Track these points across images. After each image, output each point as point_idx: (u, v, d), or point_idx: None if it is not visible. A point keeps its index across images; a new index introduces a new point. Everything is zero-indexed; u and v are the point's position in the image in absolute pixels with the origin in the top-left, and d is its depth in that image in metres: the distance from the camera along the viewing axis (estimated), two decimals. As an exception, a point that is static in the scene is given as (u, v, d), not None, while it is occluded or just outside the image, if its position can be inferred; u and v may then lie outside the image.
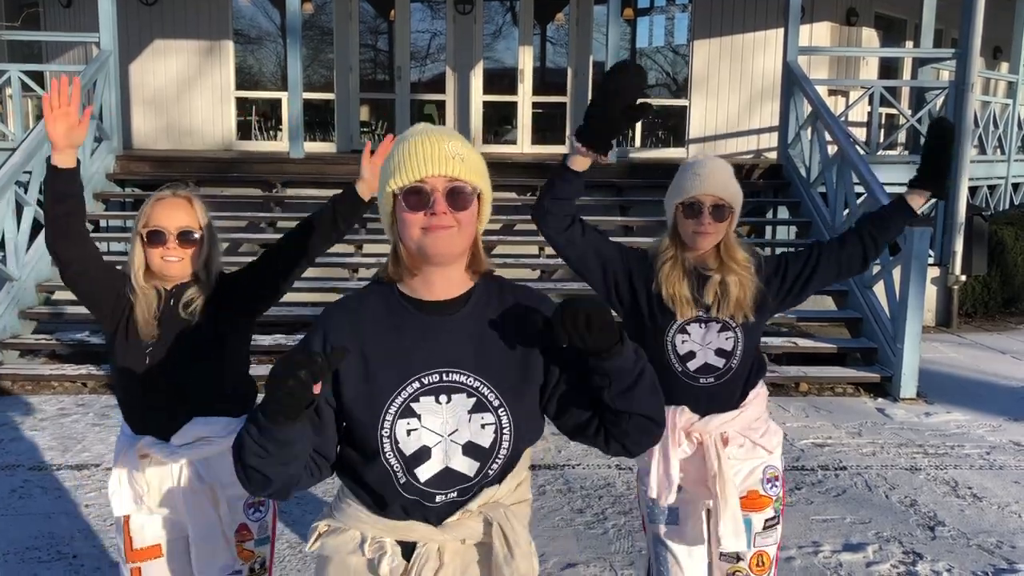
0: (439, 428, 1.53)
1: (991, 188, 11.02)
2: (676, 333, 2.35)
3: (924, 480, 4.78)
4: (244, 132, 11.01)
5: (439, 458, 1.53)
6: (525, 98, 11.02)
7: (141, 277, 2.26)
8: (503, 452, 1.55)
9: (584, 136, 2.12)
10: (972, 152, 9.02)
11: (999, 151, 10.84)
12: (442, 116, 11.10)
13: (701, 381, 2.37)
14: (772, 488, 2.45)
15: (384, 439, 1.52)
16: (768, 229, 9.30)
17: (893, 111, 10.33)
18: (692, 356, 2.36)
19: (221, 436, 2.28)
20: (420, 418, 1.52)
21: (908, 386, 6.37)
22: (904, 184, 8.81)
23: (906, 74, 11.39)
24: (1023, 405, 6.22)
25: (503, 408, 1.53)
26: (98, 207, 8.29)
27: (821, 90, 8.68)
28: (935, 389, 6.49)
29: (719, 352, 2.35)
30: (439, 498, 1.55)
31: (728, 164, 2.39)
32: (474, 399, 1.53)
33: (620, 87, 1.98)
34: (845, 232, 2.53)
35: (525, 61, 10.99)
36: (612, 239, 2.48)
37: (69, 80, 2.17)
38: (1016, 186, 11.67)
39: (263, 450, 1.42)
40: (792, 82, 8.71)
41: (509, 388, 1.54)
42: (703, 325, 2.35)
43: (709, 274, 2.35)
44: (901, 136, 10.49)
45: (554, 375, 1.58)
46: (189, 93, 10.67)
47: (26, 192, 7.17)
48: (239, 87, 10.79)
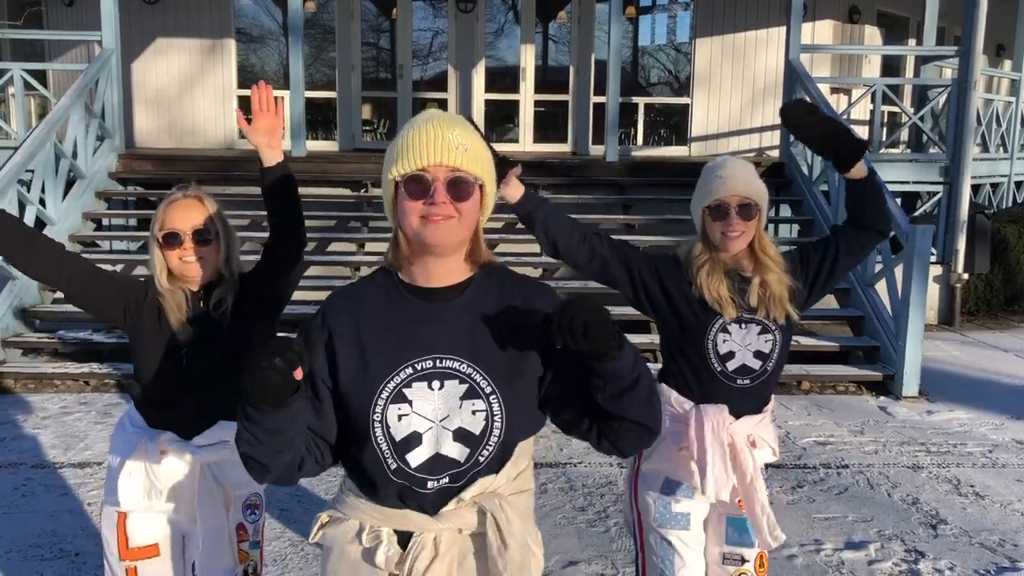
0: (430, 414, 1.52)
1: (994, 186, 11.00)
2: (718, 332, 2.36)
3: (926, 478, 4.78)
4: (246, 131, 11.01)
5: (430, 443, 1.53)
6: (527, 96, 11.02)
7: (165, 280, 2.28)
8: (493, 439, 1.54)
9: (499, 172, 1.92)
10: (975, 150, 9.01)
11: (1002, 149, 10.82)
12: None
13: (738, 382, 2.38)
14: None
15: (375, 423, 1.52)
16: (770, 227, 9.29)
17: (895, 109, 10.31)
18: (731, 356, 2.36)
19: None
20: (412, 403, 1.52)
21: (910, 384, 6.36)
22: (907, 181, 8.72)
23: (908, 72, 11.37)
24: (1026, 403, 6.22)
25: (495, 395, 1.53)
26: (100, 205, 8.30)
27: (823, 88, 8.67)
28: (937, 387, 6.48)
29: (757, 354, 2.36)
30: (431, 484, 1.54)
31: (749, 163, 2.38)
32: (466, 385, 1.53)
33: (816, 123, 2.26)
34: (835, 227, 2.52)
35: (527, 59, 10.98)
36: (635, 246, 2.50)
37: (274, 96, 2.38)
38: (1019, 184, 11.65)
39: (254, 438, 1.43)
40: (794, 80, 8.70)
41: (502, 376, 1.53)
42: (743, 326, 2.35)
43: (747, 275, 2.35)
44: (904, 134, 10.47)
45: (551, 368, 1.57)
46: (191, 92, 10.68)
47: (28, 191, 7.17)
48: (241, 86, 10.79)
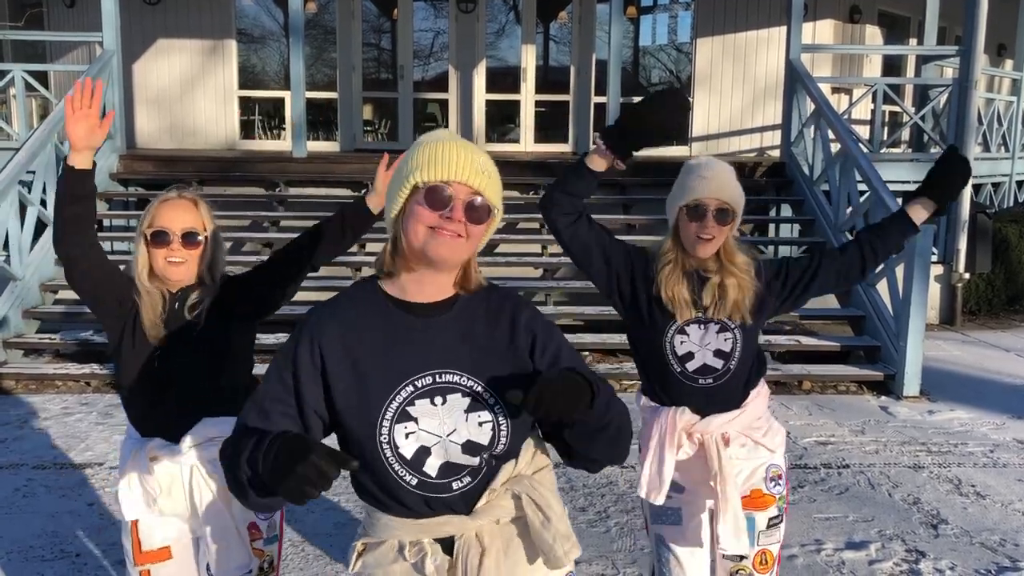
0: (436, 429, 1.53)
1: (995, 186, 11.00)
2: (675, 334, 2.36)
3: (927, 478, 4.78)
4: (247, 131, 11.02)
5: (439, 455, 1.54)
6: (528, 97, 11.01)
7: (145, 278, 2.25)
8: (501, 447, 1.56)
9: (612, 138, 2.14)
10: (976, 150, 9.00)
11: (1003, 148, 10.81)
12: (445, 115, 11.09)
13: (700, 382, 2.37)
14: (775, 487, 2.45)
15: (383, 445, 1.51)
16: (771, 227, 9.29)
17: (896, 109, 10.30)
18: (691, 357, 2.36)
19: None
20: (417, 421, 1.52)
21: (911, 384, 6.36)
22: (908, 181, 8.67)
23: (910, 71, 11.36)
24: (1027, 403, 6.22)
25: (499, 406, 1.54)
26: (101, 206, 8.29)
27: (824, 88, 8.66)
28: (938, 387, 6.48)
29: (717, 353, 2.36)
30: (456, 485, 1.55)
31: (730, 166, 2.39)
32: (469, 398, 1.54)
33: (669, 110, 2.05)
34: (847, 242, 2.54)
35: (528, 60, 10.98)
36: (616, 237, 2.49)
37: (92, 83, 2.18)
38: (1020, 183, 11.64)
39: (243, 490, 1.43)
40: (795, 80, 8.70)
41: (502, 385, 1.54)
42: (702, 326, 2.35)
43: (709, 276, 2.36)
44: (905, 134, 10.46)
45: (543, 366, 1.60)
46: (192, 92, 10.68)
47: (30, 192, 7.18)
48: (242, 86, 10.80)
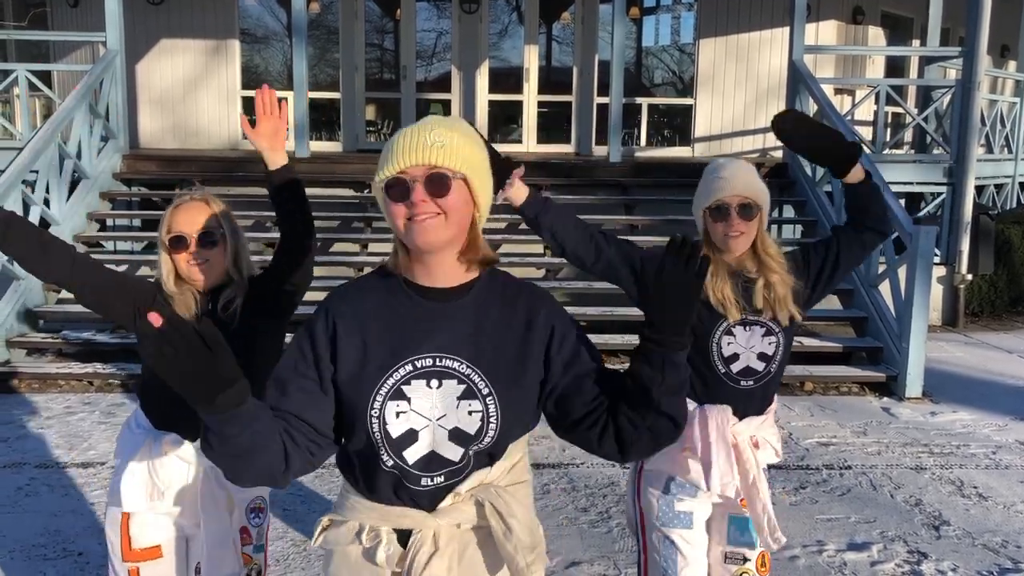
0: (427, 412, 1.54)
1: (998, 187, 10.98)
2: (722, 335, 2.36)
3: (929, 479, 4.77)
4: (250, 131, 11.03)
5: (426, 441, 1.55)
6: (530, 97, 11.02)
7: (172, 283, 2.28)
8: (487, 440, 1.56)
9: (499, 176, 2.13)
10: (979, 151, 8.99)
11: (1006, 150, 10.79)
12: (447, 115, 11.07)
13: (742, 384, 2.39)
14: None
15: (373, 419, 1.53)
16: (773, 228, 9.29)
17: (899, 110, 10.30)
18: (736, 358, 2.37)
19: None
20: (410, 401, 1.54)
21: (914, 385, 6.35)
22: (911, 182, 8.66)
23: (913, 73, 11.35)
24: (1029, 405, 6.21)
25: (491, 397, 1.54)
26: (105, 206, 8.31)
27: (827, 89, 8.66)
28: (941, 388, 6.47)
29: (761, 356, 2.37)
30: (424, 481, 1.56)
31: (750, 164, 2.39)
32: (464, 386, 1.54)
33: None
34: (835, 227, 2.53)
35: (530, 60, 10.98)
36: (637, 245, 2.50)
37: (278, 98, 2.29)
38: (1023, 185, 11.63)
39: (207, 444, 1.43)
40: (798, 81, 8.70)
41: (501, 379, 1.55)
42: (748, 328, 2.36)
43: (751, 276, 2.36)
44: (907, 135, 10.46)
45: (555, 372, 1.58)
46: (195, 92, 10.70)
47: (33, 191, 7.19)
48: (245, 86, 10.80)
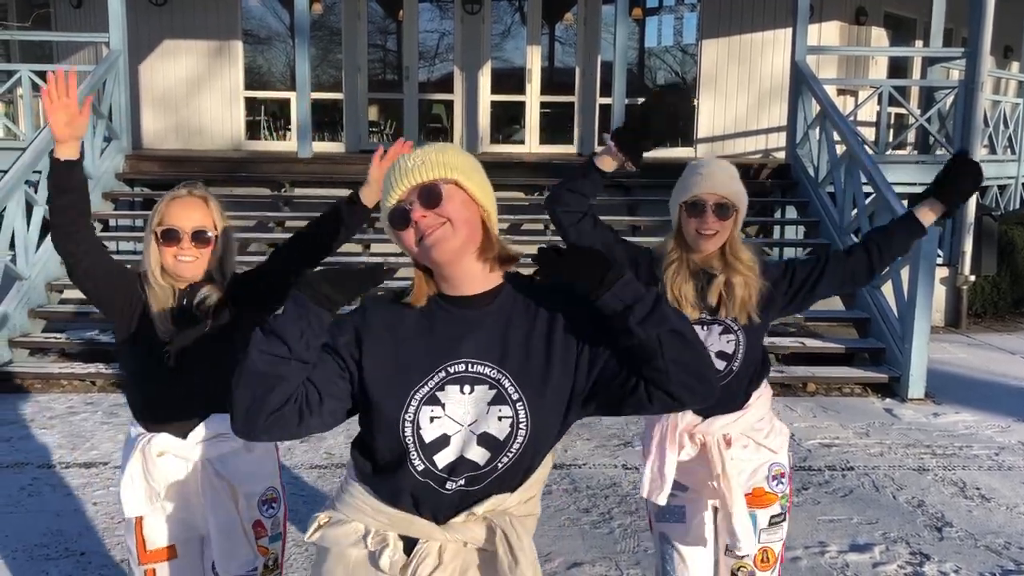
0: (460, 417, 1.57)
1: (1001, 188, 10.97)
2: None
3: (932, 481, 4.77)
4: (253, 132, 11.05)
5: (456, 446, 1.57)
6: (533, 98, 11.02)
7: (158, 275, 2.23)
8: (516, 446, 1.57)
9: (623, 138, 2.17)
10: (982, 152, 8.98)
11: (1009, 151, 10.78)
12: (450, 116, 11.11)
13: None
14: (778, 485, 2.45)
15: (407, 423, 1.55)
16: (776, 229, 9.28)
17: (902, 111, 10.28)
18: None
19: None
20: (444, 407, 1.56)
21: (916, 386, 6.34)
22: (913, 183, 8.62)
23: (915, 73, 11.34)
24: (1032, 406, 6.20)
25: (522, 402, 1.56)
26: (107, 206, 8.33)
27: (830, 89, 8.65)
28: (943, 389, 6.46)
29: (720, 355, 2.36)
30: (450, 484, 1.58)
31: (732, 165, 2.40)
32: (495, 391, 1.56)
33: (678, 106, 2.06)
34: (854, 244, 2.54)
35: (533, 61, 10.98)
36: (623, 238, 2.50)
37: (66, 73, 2.13)
38: (1026, 186, 11.62)
39: (260, 353, 1.49)
40: (800, 81, 8.69)
41: (530, 383, 1.56)
42: (705, 327, 2.35)
43: (714, 274, 2.35)
44: (910, 136, 10.45)
45: (583, 367, 1.57)
46: (198, 93, 10.71)
47: (36, 191, 7.21)
48: (248, 87, 10.83)
